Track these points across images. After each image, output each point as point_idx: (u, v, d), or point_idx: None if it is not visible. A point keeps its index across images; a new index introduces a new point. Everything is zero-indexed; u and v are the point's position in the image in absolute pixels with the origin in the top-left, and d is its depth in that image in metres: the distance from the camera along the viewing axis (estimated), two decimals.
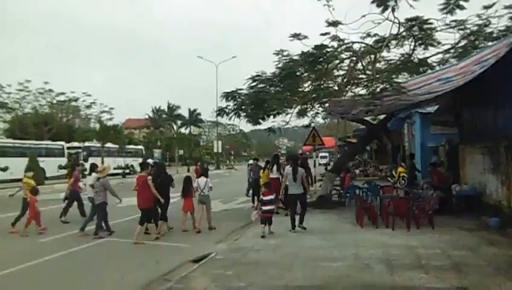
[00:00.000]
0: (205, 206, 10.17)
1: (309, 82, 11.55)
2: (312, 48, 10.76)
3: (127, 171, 34.31)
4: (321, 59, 10.33)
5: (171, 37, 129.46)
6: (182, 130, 74.83)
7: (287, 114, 13.28)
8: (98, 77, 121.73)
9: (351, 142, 28.15)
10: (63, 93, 37.43)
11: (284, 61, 11.57)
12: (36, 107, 37.40)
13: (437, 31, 11.38)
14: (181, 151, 66.05)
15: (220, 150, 53.35)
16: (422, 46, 11.91)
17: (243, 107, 12.92)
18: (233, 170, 50.57)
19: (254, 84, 11.79)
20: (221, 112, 13.35)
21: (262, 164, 14.43)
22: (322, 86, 10.85)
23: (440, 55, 12.18)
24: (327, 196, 12.96)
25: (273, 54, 11.70)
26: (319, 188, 15.16)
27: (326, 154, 53.27)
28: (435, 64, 12.18)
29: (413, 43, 11.73)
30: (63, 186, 23.71)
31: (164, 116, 75.29)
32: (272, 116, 13.58)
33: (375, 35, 11.51)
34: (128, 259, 7.67)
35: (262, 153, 76.91)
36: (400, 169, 15.87)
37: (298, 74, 10.98)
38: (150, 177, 9.11)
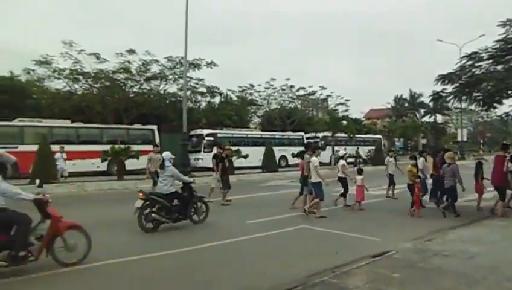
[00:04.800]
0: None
1: None
2: None
3: (360, 159, 34.68)
4: None
5: (411, 21, 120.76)
6: (426, 118, 70.15)
7: None
8: (345, 68, 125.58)
9: None
10: (302, 88, 40.87)
11: None
12: (281, 102, 42.08)
13: None
14: (424, 140, 62.04)
15: (464, 139, 47.47)
16: None
17: (467, 90, 11.26)
18: (483, 160, 44.18)
19: (470, 63, 10.07)
20: (435, 96, 11.93)
21: None
22: None
23: None
24: None
25: (498, 25, 9.71)
26: None
27: None
28: None
29: None
30: (293, 174, 26.02)
31: (406, 105, 72.31)
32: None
33: None
34: (312, 246, 7.86)
35: None
36: None
37: None
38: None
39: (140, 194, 8.88)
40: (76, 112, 28.66)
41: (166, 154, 9.54)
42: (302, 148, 33.14)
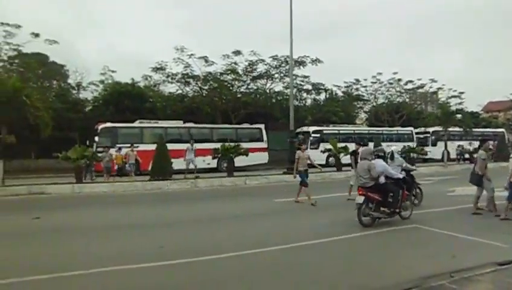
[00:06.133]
0: None
1: None
2: None
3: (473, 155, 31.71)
4: None
5: None
6: None
7: None
8: (459, 59, 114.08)
9: None
10: (411, 81, 38.61)
11: None
12: (388, 97, 40.28)
13: None
14: None
15: None
16: None
17: None
18: None
19: None
20: None
21: None
22: None
23: None
24: None
25: None
26: None
27: None
28: None
29: None
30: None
31: None
32: None
33: None
34: (426, 247, 7.37)
35: None
36: None
37: None
38: None
39: None
40: (187, 113, 30.64)
41: (395, 149, 11.75)
42: (411, 144, 31.82)
